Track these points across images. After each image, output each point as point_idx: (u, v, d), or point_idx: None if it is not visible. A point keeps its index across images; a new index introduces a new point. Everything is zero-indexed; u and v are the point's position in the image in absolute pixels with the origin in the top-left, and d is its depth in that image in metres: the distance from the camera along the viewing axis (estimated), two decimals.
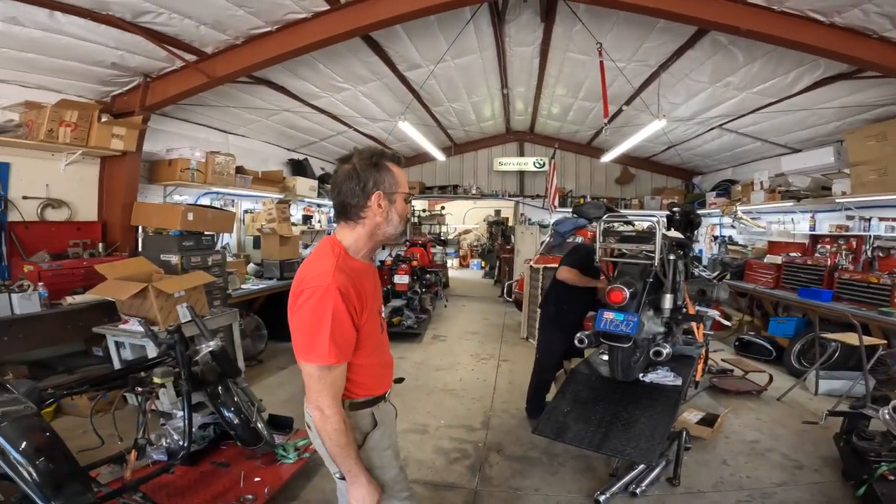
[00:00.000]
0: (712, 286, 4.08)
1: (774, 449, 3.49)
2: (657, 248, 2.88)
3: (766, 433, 3.76)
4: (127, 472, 2.45)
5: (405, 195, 1.47)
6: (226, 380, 2.98)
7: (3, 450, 1.56)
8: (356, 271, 1.40)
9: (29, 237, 4.13)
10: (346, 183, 1.40)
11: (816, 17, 3.66)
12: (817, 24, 3.69)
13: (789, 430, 3.82)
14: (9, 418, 1.63)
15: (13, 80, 3.99)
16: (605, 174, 10.75)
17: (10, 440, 1.58)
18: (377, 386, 1.53)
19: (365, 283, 1.42)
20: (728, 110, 6.18)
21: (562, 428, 2.79)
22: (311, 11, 4.05)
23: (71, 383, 2.59)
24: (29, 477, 1.56)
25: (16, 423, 1.64)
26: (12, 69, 3.86)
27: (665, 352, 2.84)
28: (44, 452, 1.63)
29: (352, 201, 1.40)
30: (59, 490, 1.60)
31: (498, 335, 6.90)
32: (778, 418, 4.05)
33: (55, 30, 3.48)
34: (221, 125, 6.39)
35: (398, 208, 1.45)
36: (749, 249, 7.57)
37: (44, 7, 3.24)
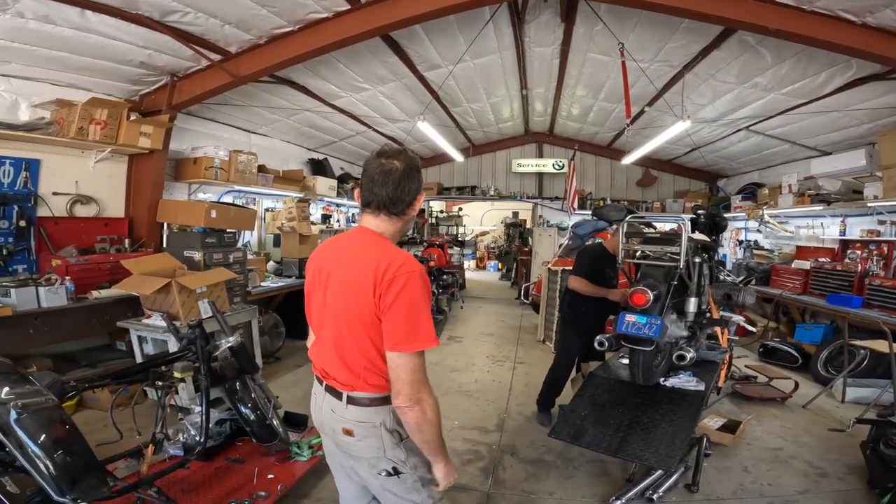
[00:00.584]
0: (738, 290, 3.99)
1: (798, 456, 3.42)
2: (683, 249, 2.82)
3: (790, 440, 3.68)
4: (143, 466, 2.48)
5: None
6: (244, 376, 3.00)
7: (22, 442, 1.57)
8: None
9: (58, 232, 4.25)
10: (405, 180, 1.45)
11: (848, 17, 3.54)
12: (849, 23, 3.58)
13: (814, 437, 3.74)
14: (29, 410, 1.63)
15: (45, 78, 4.11)
16: (626, 176, 10.59)
17: (30, 432, 1.59)
18: None
19: None
20: (755, 111, 6.03)
21: (579, 431, 2.75)
22: (331, 11, 4.08)
23: (93, 377, 2.63)
24: (45, 470, 1.56)
25: (36, 414, 1.64)
26: (44, 67, 3.96)
27: (689, 356, 2.78)
28: (62, 445, 1.63)
29: (406, 198, 1.47)
30: (74, 483, 1.60)
31: (514, 337, 6.85)
32: (803, 426, 3.96)
33: (86, 28, 3.56)
34: (245, 124, 6.50)
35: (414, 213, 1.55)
36: (776, 254, 7.36)
37: (75, 6, 3.31)
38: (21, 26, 3.34)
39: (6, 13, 3.18)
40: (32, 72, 3.98)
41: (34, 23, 3.35)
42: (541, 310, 6.74)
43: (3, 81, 3.90)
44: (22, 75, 3.96)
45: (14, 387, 1.70)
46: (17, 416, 1.61)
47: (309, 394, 1.67)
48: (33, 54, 3.73)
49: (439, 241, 10.15)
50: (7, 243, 3.87)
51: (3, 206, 3.84)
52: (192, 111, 5.38)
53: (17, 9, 3.18)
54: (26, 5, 3.17)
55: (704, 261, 3.33)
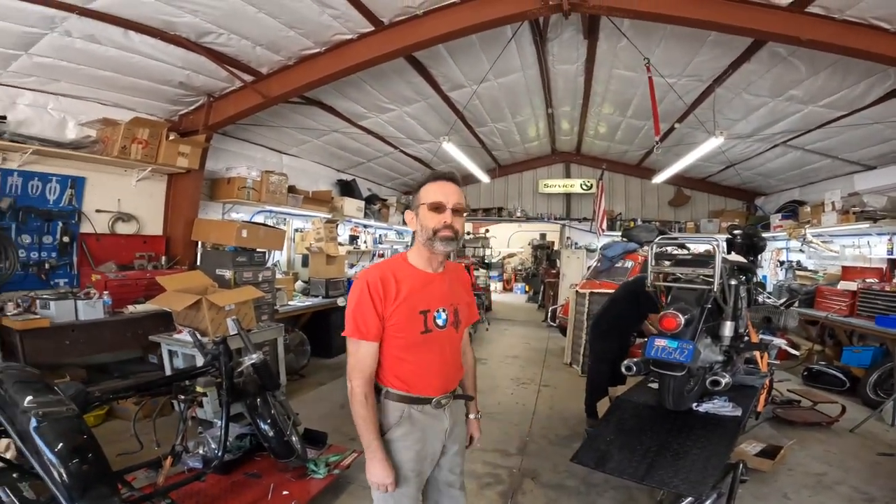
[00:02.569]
0: (779, 313, 3.83)
1: (843, 482, 3.26)
2: (717, 272, 2.71)
3: (836, 465, 3.49)
4: (160, 477, 2.50)
5: (428, 205, 1.58)
6: (265, 392, 3.02)
7: (39, 449, 1.61)
8: (404, 273, 1.60)
9: (99, 248, 4.47)
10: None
11: (881, 25, 3.41)
12: (882, 31, 3.44)
13: (861, 462, 3.56)
14: (49, 418, 1.68)
15: (92, 97, 4.35)
16: (657, 196, 10.35)
17: (47, 440, 1.63)
18: (418, 386, 1.61)
19: (409, 284, 1.58)
20: (792, 125, 5.82)
21: (603, 457, 2.60)
22: (356, 32, 4.22)
23: (117, 388, 2.71)
24: (59, 478, 1.59)
25: (55, 423, 1.68)
26: (91, 86, 4.19)
27: (724, 381, 2.66)
28: (77, 454, 1.66)
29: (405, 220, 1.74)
30: (85, 492, 1.61)
31: (540, 360, 6.68)
32: (849, 450, 3.76)
33: (129, 49, 3.77)
34: (276, 145, 6.73)
35: (422, 219, 1.60)
36: (820, 275, 6.96)
37: (119, 26, 3.51)
38: (68, 45, 3.55)
39: (54, 31, 3.38)
40: (80, 90, 4.21)
41: (80, 42, 3.56)
42: (568, 332, 6.56)
43: (52, 100, 4.14)
44: (70, 94, 4.20)
45: (37, 396, 1.75)
46: (36, 423, 1.65)
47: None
48: (80, 73, 3.95)
49: (465, 263, 10.12)
50: (50, 258, 4.08)
51: (48, 222, 4.06)
52: (227, 131, 5.62)
53: (64, 27, 3.37)
54: (73, 24, 3.36)
55: (741, 283, 3.20)
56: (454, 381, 1.72)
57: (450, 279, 1.70)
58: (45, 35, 3.40)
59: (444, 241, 1.57)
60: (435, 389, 1.63)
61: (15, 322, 3.39)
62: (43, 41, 3.45)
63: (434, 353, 1.62)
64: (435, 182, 1.61)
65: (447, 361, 1.67)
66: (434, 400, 1.62)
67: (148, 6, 3.33)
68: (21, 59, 3.59)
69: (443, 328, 1.62)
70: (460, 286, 1.77)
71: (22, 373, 1.91)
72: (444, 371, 1.66)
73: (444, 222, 1.56)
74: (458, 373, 1.75)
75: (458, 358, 1.75)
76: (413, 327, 1.57)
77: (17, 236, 3.84)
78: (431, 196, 1.58)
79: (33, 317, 3.52)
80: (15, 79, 3.82)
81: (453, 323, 1.66)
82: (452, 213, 1.58)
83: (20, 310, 3.56)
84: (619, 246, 6.87)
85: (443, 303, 1.64)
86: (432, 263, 1.64)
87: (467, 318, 1.77)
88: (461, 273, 1.83)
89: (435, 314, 1.61)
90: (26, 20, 3.22)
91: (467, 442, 1.85)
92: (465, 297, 1.77)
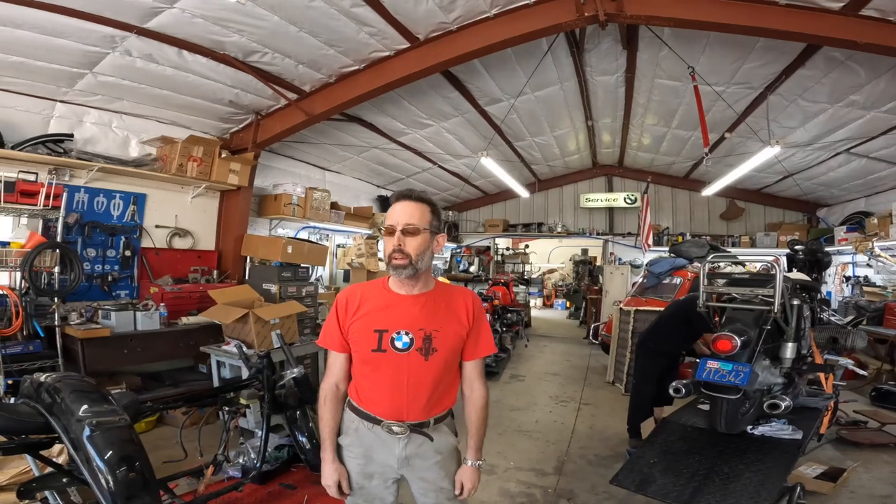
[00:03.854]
0: (846, 333, 3.57)
1: None
2: (777, 292, 2.55)
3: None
4: (201, 486, 2.59)
5: (385, 229, 1.57)
6: (304, 405, 3.09)
7: (90, 457, 1.68)
8: (372, 292, 1.62)
9: (158, 262, 4.76)
10: None
11: None
12: None
13: None
14: (102, 428, 1.75)
15: (151, 115, 4.65)
16: (708, 209, 9.90)
17: (99, 449, 1.70)
18: (369, 404, 1.59)
19: (374, 304, 1.58)
20: (854, 132, 5.46)
21: (646, 480, 2.46)
22: (393, 49, 4.35)
23: (167, 398, 2.86)
24: (105, 485, 1.65)
25: (107, 433, 1.75)
26: (151, 105, 4.49)
27: (783, 405, 2.47)
28: (125, 463, 1.71)
29: None
30: (129, 500, 1.66)
31: (581, 378, 6.45)
32: None
33: (184, 68, 4.02)
34: (319, 161, 6.99)
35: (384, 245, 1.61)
36: (889, 291, 6.41)
37: (174, 45, 3.73)
38: (129, 64, 3.82)
39: (115, 50, 3.65)
40: (140, 109, 4.51)
41: (140, 61, 3.82)
42: (611, 350, 6.32)
43: (116, 118, 4.46)
44: (132, 112, 4.51)
45: (92, 405, 1.83)
46: (90, 432, 1.73)
47: None
48: (141, 92, 4.23)
49: (504, 280, 10.01)
50: (113, 270, 4.40)
51: (111, 237, 4.38)
52: (273, 149, 5.88)
53: (124, 46, 3.60)
54: (133, 44, 3.59)
55: (805, 302, 3.01)
56: (417, 412, 1.56)
57: (431, 303, 1.59)
58: (107, 54, 3.66)
59: (395, 270, 1.51)
60: (383, 412, 1.56)
61: (77, 331, 3.64)
62: (105, 60, 3.72)
63: (385, 374, 1.56)
64: (392, 204, 1.56)
65: (402, 387, 1.55)
66: (384, 423, 1.55)
67: (198, 26, 3.55)
68: (86, 77, 3.87)
69: (402, 351, 1.53)
70: (447, 313, 1.60)
71: (79, 382, 1.99)
72: (396, 396, 1.55)
73: (394, 245, 1.50)
74: (428, 404, 1.57)
75: (425, 388, 1.56)
76: (365, 343, 1.55)
77: (82, 250, 4.15)
78: (388, 219, 1.55)
79: (95, 326, 3.77)
80: (81, 97, 4.13)
81: (420, 349, 1.54)
82: (403, 233, 1.50)
83: (83, 319, 3.83)
84: (666, 262, 6.60)
85: (408, 325, 1.54)
86: (405, 286, 1.59)
87: (453, 348, 1.59)
88: (457, 300, 1.64)
89: (394, 335, 1.54)
90: (87, 39, 3.45)
91: (457, 489, 1.64)
92: (451, 325, 1.59)
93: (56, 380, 1.93)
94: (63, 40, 3.41)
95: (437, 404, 1.60)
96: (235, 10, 3.38)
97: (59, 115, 4.10)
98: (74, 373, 3.02)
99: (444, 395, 1.62)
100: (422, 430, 1.57)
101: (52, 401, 1.83)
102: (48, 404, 1.84)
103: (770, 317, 2.59)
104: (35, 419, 1.84)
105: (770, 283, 2.62)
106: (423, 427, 1.58)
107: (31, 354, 3.52)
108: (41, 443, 1.95)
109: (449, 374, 1.62)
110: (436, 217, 1.57)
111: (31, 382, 1.95)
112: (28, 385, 1.96)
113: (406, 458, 1.58)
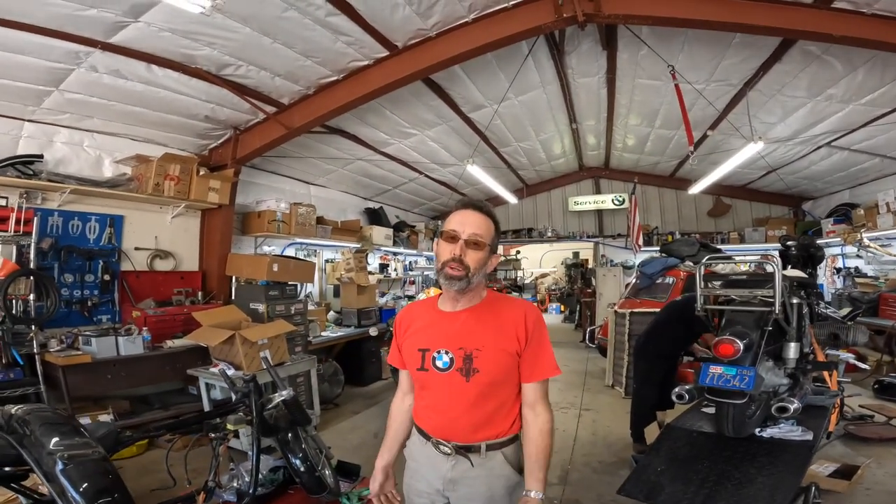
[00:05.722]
0: (846, 329, 3.50)
1: None
2: (777, 292, 2.51)
3: None
4: None
5: (444, 234, 1.48)
6: (296, 427, 3.01)
7: (65, 490, 1.67)
8: (422, 310, 1.63)
9: (139, 285, 4.62)
10: None
11: None
12: None
13: None
14: (75, 461, 1.73)
15: (124, 133, 4.52)
16: (695, 207, 9.97)
17: (73, 482, 1.69)
18: (422, 419, 1.59)
19: (420, 322, 1.58)
20: (835, 126, 5.53)
21: (654, 489, 2.38)
22: (372, 58, 4.30)
23: (149, 427, 2.78)
24: None
25: (80, 466, 1.74)
26: (123, 122, 4.36)
27: (792, 408, 2.45)
28: (102, 496, 1.70)
29: None
30: None
31: (580, 383, 6.39)
32: None
33: (154, 83, 3.91)
34: (303, 176, 6.88)
35: (438, 249, 1.51)
36: (881, 281, 6.45)
37: (141, 60, 3.64)
38: (96, 80, 3.71)
39: (80, 66, 3.54)
40: (113, 127, 4.38)
41: (108, 77, 3.71)
42: (608, 354, 6.27)
43: (87, 137, 4.32)
44: (104, 130, 4.38)
45: (63, 438, 1.80)
46: (62, 466, 1.70)
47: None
48: (112, 109, 4.11)
49: (497, 287, 9.98)
50: (92, 295, 4.24)
51: (89, 261, 4.22)
52: (255, 164, 5.78)
53: (89, 62, 3.50)
54: (98, 59, 3.50)
55: (803, 299, 2.98)
56: (462, 433, 1.48)
57: (474, 319, 1.49)
58: (72, 70, 3.56)
59: (448, 280, 1.42)
60: (432, 429, 1.53)
61: (58, 358, 3.52)
62: (71, 77, 3.61)
63: (431, 392, 1.53)
64: (457, 211, 1.49)
65: (448, 408, 1.49)
66: (433, 440, 1.52)
67: (166, 40, 3.47)
68: (53, 95, 3.76)
69: (443, 371, 1.47)
70: (493, 330, 1.48)
71: (50, 415, 1.95)
72: (443, 416, 1.50)
73: (454, 254, 1.41)
74: (473, 427, 1.48)
75: (467, 411, 1.46)
76: (412, 362, 1.55)
77: (59, 275, 4.00)
78: (449, 224, 1.47)
79: (75, 353, 3.65)
80: (50, 116, 4.00)
81: (461, 370, 1.45)
82: (467, 244, 1.42)
83: (63, 346, 3.70)
84: (658, 262, 6.59)
85: (446, 344, 1.48)
86: (450, 301, 1.53)
87: (500, 368, 1.46)
88: (507, 315, 1.50)
89: (435, 354, 1.48)
90: (51, 55, 3.36)
91: None
92: (498, 343, 1.46)
93: (26, 412, 1.88)
94: (26, 57, 3.31)
95: (485, 428, 1.47)
96: (204, 23, 3.30)
97: (27, 135, 3.96)
98: (45, 405, 2.92)
99: (495, 419, 1.48)
100: (468, 453, 1.47)
101: (23, 433, 1.80)
102: (19, 436, 1.80)
103: (771, 318, 2.54)
104: (8, 451, 1.81)
105: (768, 282, 2.58)
106: (471, 451, 1.47)
107: (11, 382, 3.43)
108: (16, 475, 1.94)
109: (498, 396, 1.48)
110: (497, 236, 1.52)
111: (2, 414, 1.90)
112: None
113: (452, 480, 1.50)
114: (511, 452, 1.51)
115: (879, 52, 3.81)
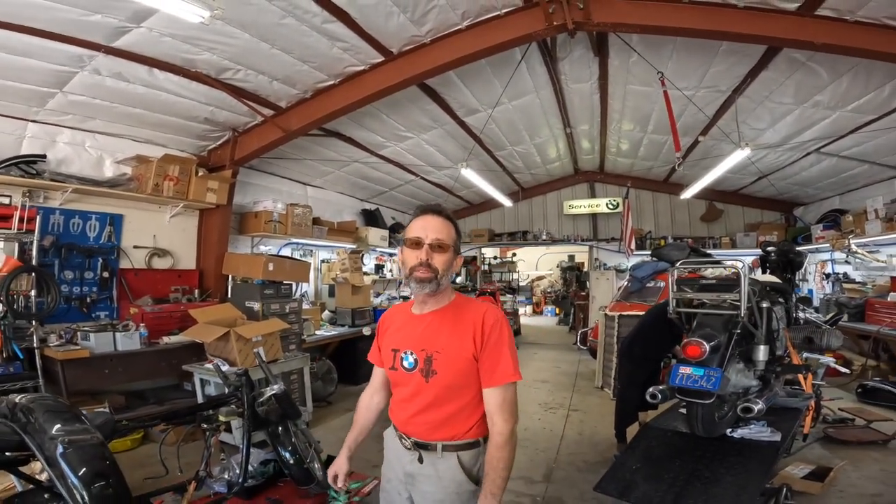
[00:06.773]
0: (821, 333, 3.61)
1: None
2: (743, 297, 2.61)
3: (893, 485, 3.27)
4: (184, 501, 2.56)
5: (407, 241, 1.51)
6: (286, 421, 3.08)
7: (64, 474, 1.74)
8: (399, 312, 1.70)
9: (137, 282, 4.70)
10: None
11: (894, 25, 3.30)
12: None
13: None
14: (74, 445, 1.81)
15: (125, 134, 4.61)
16: (688, 212, 10.05)
17: (72, 466, 1.76)
18: (392, 412, 1.66)
19: (396, 323, 1.65)
20: (823, 132, 5.61)
21: (628, 486, 2.47)
22: (367, 63, 4.40)
23: (144, 417, 2.87)
24: (81, 500, 1.71)
25: (80, 450, 1.81)
26: (124, 124, 4.46)
27: (756, 408, 2.50)
28: (100, 479, 1.78)
29: None
30: None
31: (570, 384, 6.47)
32: None
33: (156, 86, 4.02)
34: (300, 177, 6.97)
35: (403, 256, 1.53)
36: (869, 287, 6.53)
37: (143, 64, 3.74)
38: (99, 83, 3.81)
39: (84, 69, 3.64)
40: (114, 128, 4.48)
41: (110, 80, 3.81)
42: (598, 356, 6.35)
43: (89, 137, 4.42)
44: (105, 131, 4.47)
45: (65, 424, 1.89)
46: (63, 450, 1.78)
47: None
48: (114, 111, 4.22)
49: (491, 289, 10.05)
50: (91, 292, 4.33)
51: (89, 258, 4.32)
52: (253, 165, 5.87)
53: (93, 66, 3.62)
54: (101, 63, 3.60)
55: (778, 303, 3.07)
56: (422, 432, 1.52)
57: (437, 322, 1.52)
58: (76, 73, 3.66)
59: (418, 283, 1.45)
60: (398, 423, 1.62)
61: (57, 352, 3.60)
62: (75, 79, 3.71)
63: (399, 390, 1.62)
64: (418, 217, 1.52)
65: (410, 406, 1.55)
66: (398, 433, 1.62)
67: (167, 44, 3.57)
68: (57, 97, 3.86)
69: (409, 371, 1.53)
70: (452, 333, 1.49)
71: (53, 403, 2.04)
72: (405, 412, 1.57)
73: (420, 259, 1.45)
74: (430, 427, 1.51)
75: (426, 411, 1.50)
76: (387, 362, 1.63)
77: (59, 272, 4.09)
78: (412, 231, 1.50)
79: (74, 348, 3.72)
80: (53, 117, 4.10)
81: (422, 370, 1.49)
82: (432, 248, 1.45)
83: (62, 341, 3.78)
84: (648, 266, 6.65)
85: (412, 346, 1.53)
86: (419, 304, 1.58)
87: (458, 371, 1.46)
88: (467, 318, 1.50)
89: (402, 355, 1.55)
90: (56, 58, 3.46)
91: None
92: (455, 346, 1.47)
93: (30, 400, 1.98)
94: (32, 60, 3.41)
95: (442, 428, 1.50)
96: (204, 29, 3.40)
97: (31, 136, 4.06)
98: (48, 394, 3.01)
99: (453, 421, 1.49)
100: (424, 451, 1.51)
101: (27, 420, 1.88)
102: (23, 423, 1.88)
103: (739, 321, 2.63)
104: (11, 437, 1.89)
105: (737, 287, 2.66)
106: (428, 449, 1.51)
107: (11, 376, 3.51)
108: (17, 460, 2.01)
109: (458, 399, 1.49)
110: (458, 238, 1.57)
111: (7, 403, 1.99)
112: (3, 405, 2.00)
113: (409, 474, 1.55)
114: (469, 458, 1.50)
115: (863, 60, 3.88)
